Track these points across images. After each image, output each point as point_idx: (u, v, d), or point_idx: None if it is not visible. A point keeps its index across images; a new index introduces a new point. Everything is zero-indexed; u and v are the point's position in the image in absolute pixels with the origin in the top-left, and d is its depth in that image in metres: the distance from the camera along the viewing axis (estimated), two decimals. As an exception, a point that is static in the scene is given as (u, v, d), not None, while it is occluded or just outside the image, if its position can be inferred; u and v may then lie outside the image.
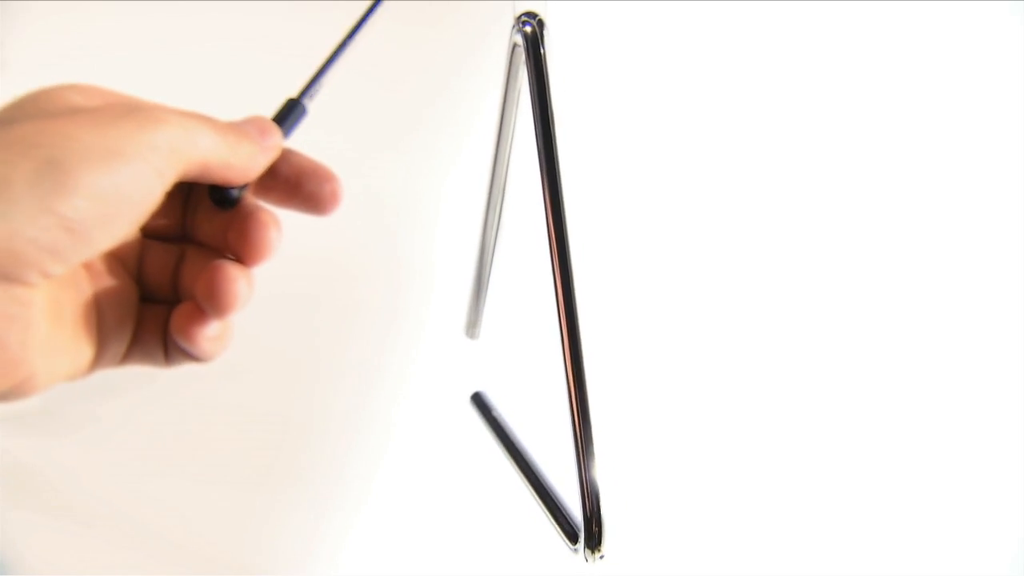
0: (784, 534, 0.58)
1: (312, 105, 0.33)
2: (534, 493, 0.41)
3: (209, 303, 0.28)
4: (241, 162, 0.28)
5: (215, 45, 0.63)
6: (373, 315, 0.62)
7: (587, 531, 0.34)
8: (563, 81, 0.41)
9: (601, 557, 0.34)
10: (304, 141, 0.32)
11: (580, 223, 0.38)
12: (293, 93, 0.32)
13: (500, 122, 0.48)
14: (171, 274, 0.31)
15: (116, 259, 0.30)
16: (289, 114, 0.32)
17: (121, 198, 0.25)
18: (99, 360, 0.29)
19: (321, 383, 0.61)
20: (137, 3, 0.61)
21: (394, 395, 0.61)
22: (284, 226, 0.31)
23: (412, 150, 0.64)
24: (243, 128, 0.29)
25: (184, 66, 0.61)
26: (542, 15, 0.41)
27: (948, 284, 0.64)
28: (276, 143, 0.30)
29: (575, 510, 0.34)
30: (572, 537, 0.36)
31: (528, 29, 0.40)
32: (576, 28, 0.63)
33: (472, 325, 0.59)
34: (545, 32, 0.41)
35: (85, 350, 0.28)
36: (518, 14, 0.41)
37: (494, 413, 0.50)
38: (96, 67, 0.58)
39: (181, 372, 0.31)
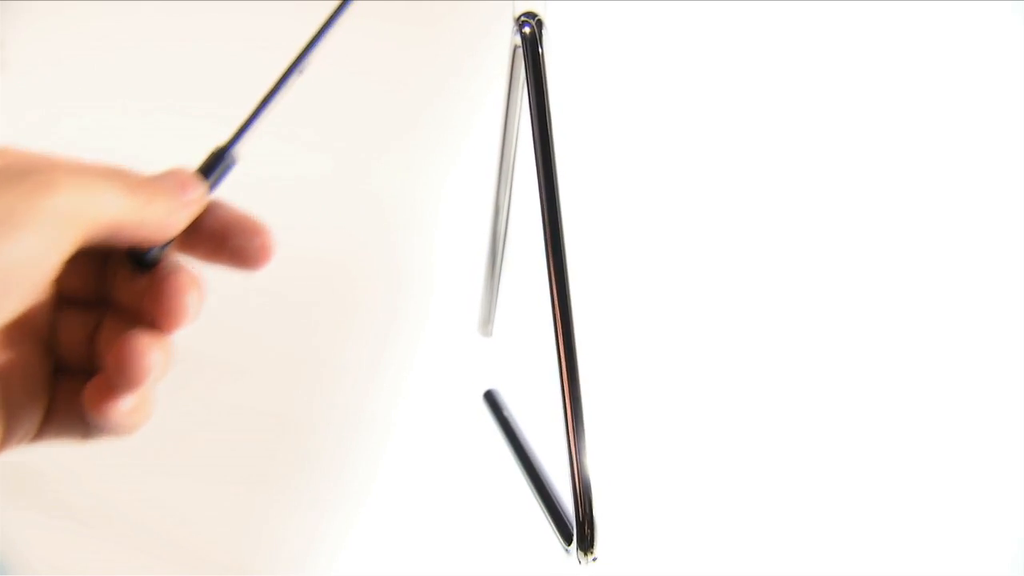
0: (781, 536, 0.58)
1: (305, 110, 0.31)
2: (535, 493, 0.41)
3: (118, 377, 0.26)
4: (157, 220, 0.26)
5: (215, 44, 0.63)
6: (374, 315, 0.62)
7: (579, 533, 0.34)
8: (562, 81, 0.41)
9: (594, 559, 0.34)
10: (304, 142, 0.31)
11: (577, 223, 0.38)
12: (222, 140, 0.29)
13: (504, 120, 0.48)
14: (88, 342, 0.28)
15: (24, 329, 0.27)
16: (216, 165, 0.29)
17: (10, 271, 0.23)
18: (7, 440, 0.26)
19: (321, 383, 0.61)
20: (136, 3, 0.61)
21: (395, 394, 0.61)
22: (285, 225, 0.30)
23: (412, 150, 0.64)
24: (159, 183, 0.26)
25: (184, 66, 0.61)
26: (541, 15, 0.41)
27: (947, 284, 0.64)
28: (198, 197, 0.27)
29: (572, 512, 0.34)
30: (568, 539, 0.36)
31: (527, 30, 0.40)
32: (577, 28, 0.63)
33: (486, 323, 0.59)
34: (544, 33, 0.40)
35: None
36: (517, 15, 0.41)
37: (504, 412, 0.49)
38: (96, 67, 0.58)
39: (181, 372, 0.30)
